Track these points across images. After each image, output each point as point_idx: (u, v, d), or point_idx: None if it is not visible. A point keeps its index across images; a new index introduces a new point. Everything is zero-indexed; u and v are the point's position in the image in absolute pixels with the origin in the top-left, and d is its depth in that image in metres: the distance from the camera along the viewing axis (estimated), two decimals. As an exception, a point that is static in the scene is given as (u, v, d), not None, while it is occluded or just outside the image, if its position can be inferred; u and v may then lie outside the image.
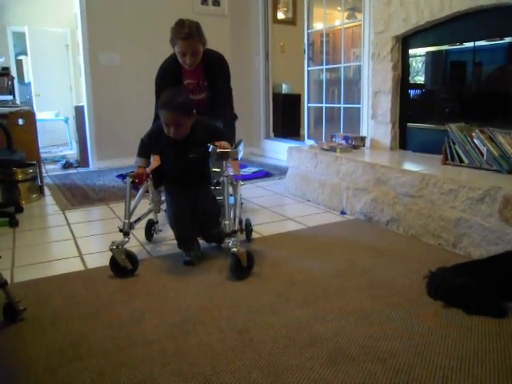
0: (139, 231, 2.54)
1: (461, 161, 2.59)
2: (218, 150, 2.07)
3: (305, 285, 1.91)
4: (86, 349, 1.47)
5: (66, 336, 1.56)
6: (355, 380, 1.28)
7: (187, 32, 2.50)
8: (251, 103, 5.69)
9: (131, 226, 2.10)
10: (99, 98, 4.91)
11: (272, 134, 5.71)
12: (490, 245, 2.08)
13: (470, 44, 2.87)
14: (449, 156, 2.65)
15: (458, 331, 1.52)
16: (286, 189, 3.67)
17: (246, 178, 4.17)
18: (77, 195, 3.68)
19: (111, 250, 2.00)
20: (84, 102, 4.99)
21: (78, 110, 5.05)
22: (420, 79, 3.32)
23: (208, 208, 2.26)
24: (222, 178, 2.17)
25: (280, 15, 5.95)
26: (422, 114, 3.30)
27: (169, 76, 2.71)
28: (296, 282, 1.93)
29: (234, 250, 1.95)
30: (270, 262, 2.17)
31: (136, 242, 2.51)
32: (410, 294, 1.78)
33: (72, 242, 2.58)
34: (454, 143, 2.62)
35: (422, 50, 3.21)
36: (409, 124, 3.32)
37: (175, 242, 2.26)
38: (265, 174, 4.43)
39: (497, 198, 2.06)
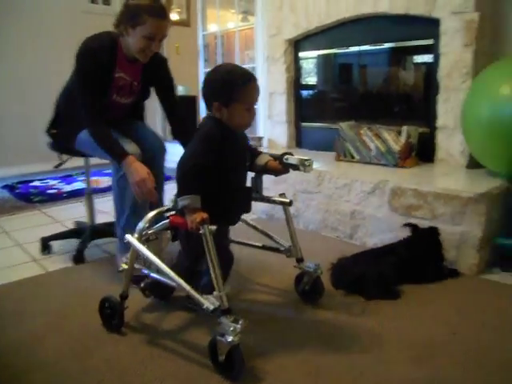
0: (31, 245, 2.36)
1: (352, 157, 2.76)
2: (309, 162, 1.52)
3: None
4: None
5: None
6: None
7: (163, 7, 1.91)
8: (146, 106, 5.53)
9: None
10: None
11: (170, 137, 5.60)
12: (382, 233, 2.24)
13: (356, 48, 3.08)
14: (341, 153, 2.81)
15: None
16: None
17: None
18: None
19: (236, 341, 1.25)
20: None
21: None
22: (313, 80, 3.48)
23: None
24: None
25: (174, 16, 5.88)
26: (316, 114, 3.45)
27: (101, 62, 1.93)
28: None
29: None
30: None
31: (27, 258, 2.32)
32: (290, 281, 1.83)
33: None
34: (345, 140, 2.78)
35: (314, 53, 3.36)
36: (303, 123, 3.46)
37: (68, 254, 2.09)
38: (167, 178, 4.34)
39: (385, 190, 2.23)
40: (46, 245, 2.38)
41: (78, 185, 4.01)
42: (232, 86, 1.42)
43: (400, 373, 1.30)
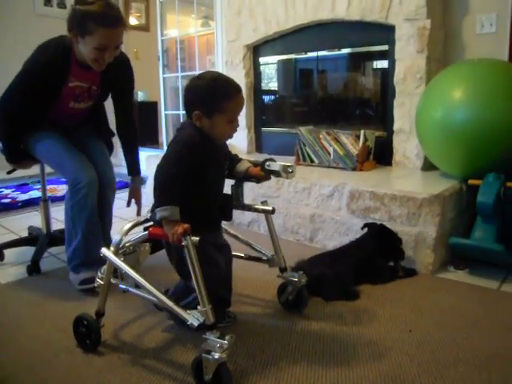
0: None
1: (311, 161, 2.79)
2: (291, 168, 1.50)
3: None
4: None
5: None
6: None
7: (114, 15, 1.72)
8: (110, 111, 5.44)
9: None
10: None
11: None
12: (341, 236, 2.27)
13: (314, 54, 3.12)
14: (301, 157, 2.84)
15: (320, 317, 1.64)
16: (146, 198, 3.56)
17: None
18: None
19: (224, 358, 1.19)
20: None
21: None
22: (272, 86, 3.50)
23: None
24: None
25: (133, 21, 5.82)
26: (275, 119, 3.48)
27: (51, 73, 1.82)
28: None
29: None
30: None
31: (-23, 267, 2.23)
32: (272, 290, 1.81)
33: None
34: (304, 145, 2.81)
35: (273, 59, 3.39)
36: (263, 128, 3.48)
37: (23, 264, 2.01)
38: (124, 184, 4.27)
39: (344, 192, 2.26)
40: (-1, 253, 2.29)
41: (34, 193, 3.88)
42: (217, 96, 1.35)
43: (358, 371, 1.32)
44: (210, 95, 1.35)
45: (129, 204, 2.23)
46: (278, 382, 1.28)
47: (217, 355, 1.17)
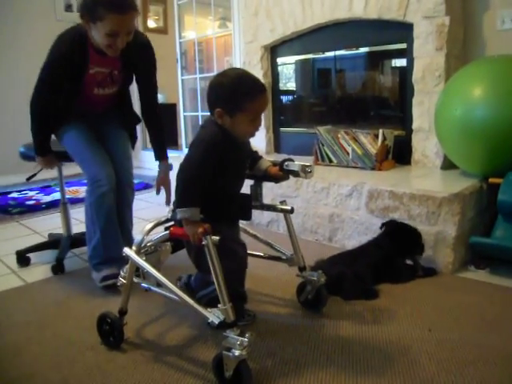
0: (9, 257, 2.34)
1: (330, 161, 2.79)
2: (310, 168, 1.50)
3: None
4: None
5: None
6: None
7: (126, 0, 1.70)
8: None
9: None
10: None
11: (150, 145, 5.60)
12: (360, 235, 2.27)
13: (332, 53, 3.12)
14: (319, 157, 2.85)
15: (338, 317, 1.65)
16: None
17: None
18: None
19: (244, 355, 1.20)
20: None
21: None
22: (290, 86, 3.51)
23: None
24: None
25: (151, 24, 5.88)
26: (294, 119, 3.49)
27: (71, 62, 1.84)
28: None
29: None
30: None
31: (6, 270, 2.29)
32: (291, 289, 1.81)
33: None
34: (322, 145, 2.82)
35: (291, 59, 3.40)
36: (282, 128, 3.49)
37: (47, 264, 2.06)
38: (144, 185, 4.34)
39: (362, 192, 2.26)
40: (22, 257, 2.35)
41: (57, 195, 3.96)
42: (240, 95, 1.33)
43: (376, 369, 1.32)
44: (233, 94, 1.34)
45: (158, 191, 2.19)
46: (298, 380, 1.30)
47: (237, 352, 1.18)
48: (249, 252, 1.70)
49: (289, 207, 1.59)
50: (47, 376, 1.37)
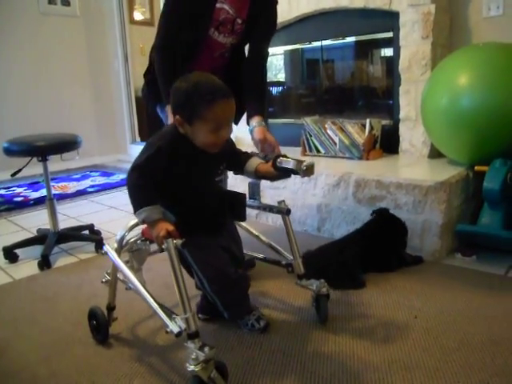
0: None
1: (318, 151, 2.79)
2: (307, 165, 1.32)
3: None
4: None
5: None
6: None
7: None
8: (113, 108, 5.48)
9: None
10: None
11: (138, 139, 5.57)
12: (348, 225, 2.28)
13: (318, 43, 3.11)
14: (307, 147, 2.84)
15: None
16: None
17: (115, 186, 4.02)
18: None
19: (196, 372, 1.10)
20: None
21: None
22: (279, 77, 3.50)
23: (241, 247, 1.56)
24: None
25: (137, 16, 5.82)
26: (282, 110, 3.48)
27: None
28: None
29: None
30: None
31: (-7, 264, 2.28)
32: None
33: None
34: (310, 135, 2.81)
35: (278, 50, 3.37)
36: (270, 120, 3.47)
37: (35, 260, 2.05)
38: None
39: (350, 182, 2.26)
40: (9, 254, 2.33)
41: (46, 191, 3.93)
42: (195, 101, 1.22)
43: (362, 356, 1.33)
44: (189, 99, 1.23)
45: (263, 150, 1.78)
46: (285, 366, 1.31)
47: (190, 367, 1.09)
48: (248, 253, 1.70)
49: (284, 207, 1.49)
50: (35, 371, 1.37)
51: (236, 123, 1.86)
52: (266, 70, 1.91)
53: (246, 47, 1.92)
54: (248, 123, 1.85)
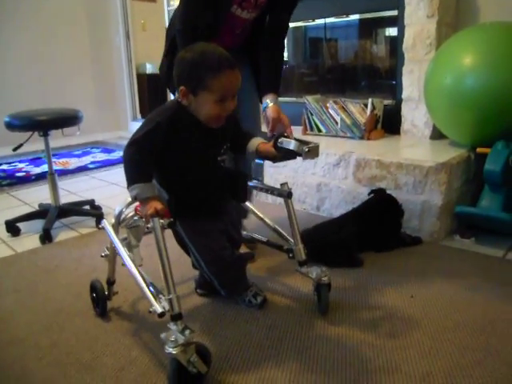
0: (1, 227, 2.35)
1: (319, 130, 2.78)
2: (310, 147, 1.29)
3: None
4: None
5: None
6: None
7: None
8: (114, 85, 5.45)
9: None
10: None
11: (139, 116, 5.55)
12: (347, 204, 2.28)
13: (322, 21, 3.07)
14: (308, 126, 2.83)
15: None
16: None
17: (115, 163, 4.02)
18: None
19: (174, 354, 1.08)
20: None
21: None
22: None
23: (239, 228, 1.57)
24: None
25: (139, -8, 5.73)
26: (283, 88, 3.43)
27: None
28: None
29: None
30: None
31: (-5, 238, 2.30)
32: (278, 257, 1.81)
33: None
34: (311, 114, 2.80)
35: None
36: (272, 98, 3.44)
37: (36, 234, 2.07)
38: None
39: (350, 161, 2.26)
40: (12, 227, 2.35)
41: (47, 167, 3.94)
42: (202, 70, 1.20)
43: (357, 335, 1.35)
44: (195, 69, 1.21)
45: (273, 129, 1.74)
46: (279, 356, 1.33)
47: (169, 349, 1.08)
48: (250, 234, 1.72)
49: (286, 190, 1.44)
50: (38, 340, 1.41)
51: (261, 101, 1.81)
52: (284, 43, 1.84)
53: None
54: (261, 100, 1.80)
